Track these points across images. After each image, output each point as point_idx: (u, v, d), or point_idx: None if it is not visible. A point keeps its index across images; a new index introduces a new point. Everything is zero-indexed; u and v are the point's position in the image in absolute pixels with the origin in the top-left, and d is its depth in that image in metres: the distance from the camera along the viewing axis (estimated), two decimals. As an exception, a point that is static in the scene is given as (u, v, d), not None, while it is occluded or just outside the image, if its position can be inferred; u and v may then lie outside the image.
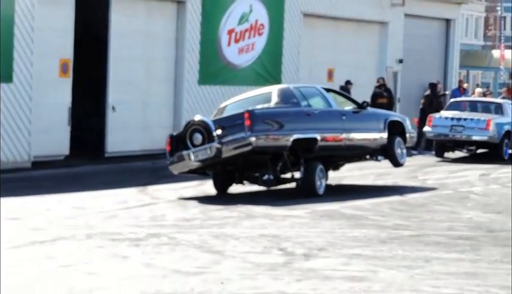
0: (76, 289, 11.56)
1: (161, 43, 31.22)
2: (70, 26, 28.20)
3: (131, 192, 21.71)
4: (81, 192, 21.46)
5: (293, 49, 35.01)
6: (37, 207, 19.11)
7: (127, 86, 29.67)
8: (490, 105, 38.49)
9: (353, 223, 17.89)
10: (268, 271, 13.20)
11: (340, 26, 37.75)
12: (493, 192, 23.51)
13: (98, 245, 15.04)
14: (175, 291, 11.62)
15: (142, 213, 18.60)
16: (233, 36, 32.88)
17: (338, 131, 24.30)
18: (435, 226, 17.61)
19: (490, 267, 13.90)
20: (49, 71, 27.61)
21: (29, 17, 26.55)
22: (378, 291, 11.77)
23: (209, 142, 21.48)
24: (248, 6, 33.20)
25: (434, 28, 43.69)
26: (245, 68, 33.35)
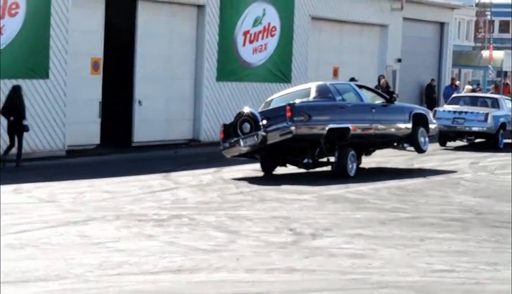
0: (106, 264, 11.76)
1: (183, 43, 31.39)
2: (101, 27, 28.38)
3: (155, 177, 21.95)
4: (110, 177, 21.63)
5: (302, 49, 35.04)
6: (70, 191, 19.16)
7: (152, 82, 29.81)
8: (487, 100, 39.28)
9: (355, 206, 18.12)
10: (279, 249, 13.37)
11: (345, 28, 37.82)
12: (482, 178, 23.58)
13: (125, 226, 15.20)
14: (195, 266, 11.81)
15: (165, 197, 18.78)
16: (247, 37, 32.96)
17: (368, 122, 25.38)
18: (429, 209, 17.78)
19: (478, 246, 14.05)
20: (82, 69, 27.78)
21: (64, 20, 26.63)
22: (377, 268, 11.95)
23: (256, 130, 22.73)
24: (262, 10, 33.28)
25: (429, 30, 43.73)
26: (259, 67, 33.44)
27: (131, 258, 12.31)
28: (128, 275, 11.29)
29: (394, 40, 39.84)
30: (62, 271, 11.54)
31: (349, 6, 38.23)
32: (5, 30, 25.23)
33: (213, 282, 10.99)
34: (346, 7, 37.99)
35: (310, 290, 10.83)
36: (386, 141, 27.04)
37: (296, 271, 11.81)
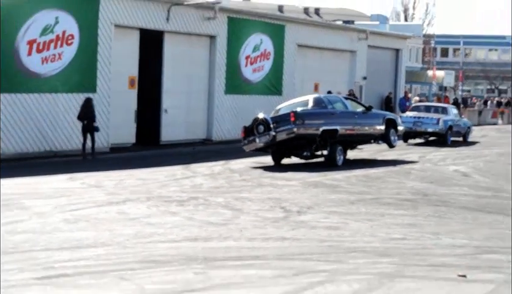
0: (140, 234, 11.96)
1: (199, 65, 31.38)
2: (136, 53, 28.43)
3: (178, 168, 22.03)
4: (143, 168, 21.75)
5: (290, 69, 35.09)
6: (112, 178, 19.31)
7: (175, 95, 29.89)
8: (439, 108, 39.80)
9: (331, 190, 18.27)
10: (272, 222, 13.67)
11: (323, 53, 37.90)
12: (428, 168, 23.60)
13: (154, 205, 15.44)
14: (208, 236, 12.19)
15: (185, 183, 18.92)
16: (248, 60, 33.13)
17: (352, 124, 26.46)
18: (388, 192, 17.93)
19: (425, 220, 14.41)
20: (121, 85, 27.85)
21: (108, 47, 26.74)
22: (348, 237, 12.35)
23: (268, 131, 23.73)
24: (260, 40, 33.49)
25: (388, 55, 43.74)
26: (257, 83, 33.63)
27: (159, 229, 12.61)
28: (157, 243, 11.53)
29: (360, 62, 39.98)
30: (106, 240, 11.71)
31: (326, 36, 38.35)
32: (63, 56, 25.23)
33: (222, 248, 11.18)
34: (324, 37, 38.11)
35: (297, 254, 10.99)
36: (365, 139, 28.01)
37: (286, 240, 12.08)
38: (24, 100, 23.93)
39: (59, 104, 25.14)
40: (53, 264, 9.74)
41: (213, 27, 31.26)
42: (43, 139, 24.42)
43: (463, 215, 14.64)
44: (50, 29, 24.78)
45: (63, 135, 25.07)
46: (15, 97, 23.60)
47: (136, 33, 28.27)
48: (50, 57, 24.85)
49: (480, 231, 12.82)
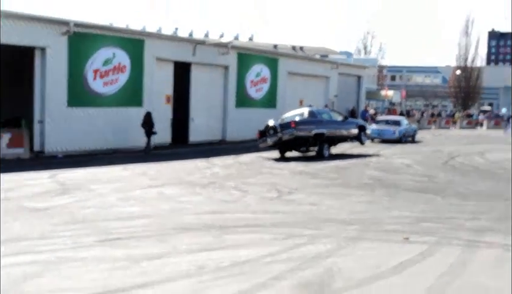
0: (174, 208, 11.90)
1: (216, 86, 31.12)
2: (171, 78, 28.21)
3: (201, 161, 21.83)
4: (176, 161, 21.64)
5: (282, 89, 34.97)
6: (154, 169, 19.16)
7: (199, 108, 29.68)
8: (395, 121, 39.34)
9: (310, 176, 18.08)
10: (270, 200, 13.72)
11: (306, 78, 37.64)
12: (382, 161, 23.48)
13: (184, 187, 15.60)
14: (223, 210, 12.37)
15: (206, 171, 18.81)
16: (253, 84, 33.07)
17: (334, 128, 26.51)
18: (352, 178, 17.83)
19: (379, 198, 14.48)
20: (160, 100, 27.61)
21: (151, 73, 26.53)
22: (324, 210, 12.45)
23: (276, 133, 24.13)
24: (261, 69, 33.44)
25: (353, 80, 43.74)
26: (258, 99, 33.60)
27: (187, 205, 12.62)
28: (186, 215, 11.59)
29: (333, 85, 39.96)
30: (149, 213, 11.72)
31: (308, 66, 38.43)
32: (119, 80, 25.15)
33: (233, 219, 11.20)
34: (307, 66, 38.16)
35: (286, 223, 11.00)
36: (344, 139, 27.89)
37: (279, 213, 12.08)
38: (90, 112, 23.89)
39: (115, 115, 25.09)
40: (111, 230, 9.87)
41: (226, 60, 31.07)
42: (104, 140, 24.38)
43: (407, 195, 14.59)
44: (110, 61, 24.74)
45: (118, 137, 25.02)
46: (82, 110, 23.56)
47: (171, 64, 28.12)
48: (109, 82, 24.80)
49: (419, 206, 12.80)
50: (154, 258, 8.07)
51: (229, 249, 8.63)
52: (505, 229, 10.43)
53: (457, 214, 11.88)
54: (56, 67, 22.86)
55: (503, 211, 12.41)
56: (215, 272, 7.44)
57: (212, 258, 8.11)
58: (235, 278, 7.19)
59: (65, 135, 22.92)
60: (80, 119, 23.76)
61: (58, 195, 13.38)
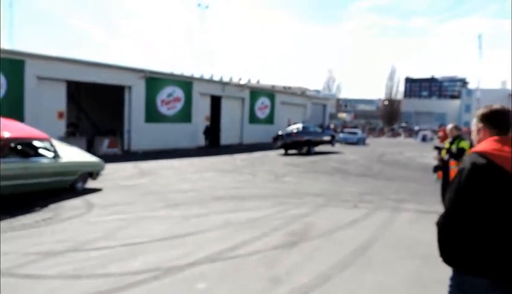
0: (210, 185, 11.72)
1: (236, 110, 30.91)
2: (208, 104, 28.17)
3: (227, 156, 21.70)
4: (211, 156, 21.45)
5: (278, 112, 34.65)
6: (197, 161, 19.07)
7: (227, 123, 29.64)
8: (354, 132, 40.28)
9: (295, 166, 17.83)
10: (270, 182, 13.60)
11: (292, 106, 37.30)
12: (339, 157, 23.28)
13: (216, 172, 15.36)
14: (241, 187, 12.16)
15: (230, 163, 18.66)
16: (259, 109, 32.83)
17: (317, 136, 26.38)
18: (321, 167, 17.57)
19: (337, 180, 14.02)
20: (202, 118, 27.58)
21: (197, 101, 26.57)
22: (303, 187, 12.26)
23: (283, 139, 24.33)
24: (265, 100, 33.22)
25: (320, 107, 43.34)
26: (262, 118, 33.20)
27: (218, 184, 12.53)
28: (218, 190, 11.50)
29: (308, 110, 39.71)
30: (195, 188, 11.68)
31: (293, 98, 38.47)
32: (176, 107, 25.17)
33: (247, 192, 11.11)
34: (292, 99, 38.16)
35: (279, 195, 10.90)
36: (322, 143, 27.12)
37: (276, 188, 11.99)
38: (158, 126, 23.95)
39: (174, 128, 25.02)
40: (171, 199, 9.82)
41: (242, 94, 30.93)
42: (167, 143, 24.39)
43: (354, 178, 14.48)
44: (171, 95, 24.78)
45: (175, 141, 24.97)
46: (154, 124, 23.68)
47: (209, 97, 28.05)
48: (171, 107, 24.82)
49: (362, 186, 12.71)
50: (198, 216, 8.12)
51: (246, 211, 8.64)
52: (416, 200, 10.44)
53: (386, 190, 11.83)
54: (137, 98, 23.01)
55: (414, 188, 12.40)
56: (236, 225, 7.45)
57: (235, 216, 8.12)
58: (249, 229, 7.20)
59: (142, 140, 23.00)
60: (152, 130, 23.79)
61: (138, 177, 13.39)
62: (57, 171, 9.70)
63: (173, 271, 5.14)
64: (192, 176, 14.12)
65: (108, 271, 5.10)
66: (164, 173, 14.74)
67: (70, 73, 19.71)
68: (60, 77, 19.36)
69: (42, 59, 18.61)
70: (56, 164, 9.66)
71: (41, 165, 9.26)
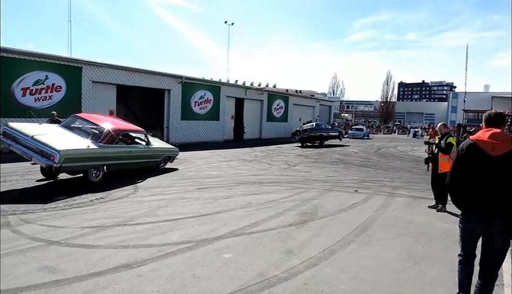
0: (235, 172, 11.76)
1: (256, 111, 30.73)
2: (233, 105, 28.12)
3: (248, 148, 21.58)
4: (236, 148, 21.40)
5: (290, 112, 34.48)
6: (224, 152, 19.03)
7: (248, 121, 29.45)
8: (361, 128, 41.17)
9: (305, 157, 17.65)
10: (283, 169, 13.47)
11: (302, 107, 36.99)
12: (342, 150, 23.00)
13: (240, 161, 15.29)
14: (260, 174, 12.01)
15: (251, 154, 18.54)
16: (276, 109, 32.56)
17: (328, 132, 26.30)
18: (327, 159, 17.37)
19: (341, 169, 13.90)
20: (228, 118, 27.62)
21: (223, 104, 26.49)
22: (312, 175, 12.02)
23: (300, 134, 24.18)
24: (279, 102, 32.90)
25: (327, 108, 42.90)
26: (278, 117, 32.94)
27: (241, 171, 12.47)
28: (241, 176, 11.46)
29: (316, 110, 39.13)
30: (222, 174, 11.64)
31: (304, 100, 37.89)
32: (207, 107, 25.15)
33: (265, 178, 11.04)
34: (303, 101, 37.64)
35: (292, 181, 10.81)
36: (332, 137, 27.01)
37: (289, 175, 11.87)
38: (192, 123, 23.97)
39: (205, 124, 25.04)
40: (203, 183, 9.80)
41: (262, 97, 30.63)
42: (199, 136, 24.49)
43: (355, 168, 14.23)
44: (203, 97, 24.81)
45: (206, 135, 25.05)
46: (188, 121, 23.68)
47: (234, 99, 27.96)
48: (203, 107, 24.82)
49: (362, 174, 12.51)
50: (224, 198, 8.05)
51: (264, 194, 8.55)
52: (409, 187, 10.19)
53: (383, 178, 11.62)
54: (175, 99, 23.02)
55: (408, 177, 12.13)
56: (256, 206, 7.38)
57: (255, 198, 8.04)
58: (267, 209, 7.12)
59: (179, 134, 23.05)
60: (187, 126, 23.81)
61: (175, 165, 13.42)
62: (148, 155, 11.08)
63: (203, 243, 5.13)
64: (219, 164, 14.04)
65: (151, 242, 5.12)
66: (196, 161, 14.72)
67: (120, 78, 19.82)
68: (111, 81, 19.47)
69: (96, 65, 18.71)
70: (148, 150, 11.04)
71: (138, 150, 10.65)
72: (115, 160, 9.54)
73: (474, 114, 56.33)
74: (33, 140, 8.18)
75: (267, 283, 3.97)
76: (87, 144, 8.89)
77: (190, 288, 3.80)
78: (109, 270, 4.15)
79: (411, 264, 4.70)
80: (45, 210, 6.59)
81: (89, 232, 5.37)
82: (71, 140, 8.81)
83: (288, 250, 4.98)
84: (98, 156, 9.00)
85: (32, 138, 8.20)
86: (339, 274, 4.29)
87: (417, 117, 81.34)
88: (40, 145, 8.11)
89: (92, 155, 8.85)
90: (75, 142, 8.77)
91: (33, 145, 8.14)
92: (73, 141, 8.80)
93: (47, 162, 8.03)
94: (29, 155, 8.23)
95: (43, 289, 3.67)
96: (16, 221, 5.87)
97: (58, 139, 8.52)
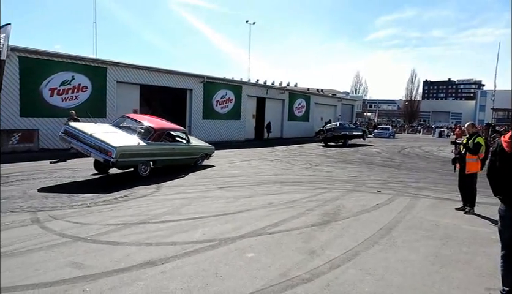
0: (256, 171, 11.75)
1: (278, 110, 30.70)
2: (254, 104, 28.10)
3: (269, 148, 21.51)
4: (257, 148, 21.37)
5: (312, 111, 34.21)
6: (245, 151, 19.06)
7: (269, 120, 29.27)
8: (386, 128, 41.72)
9: (327, 157, 17.47)
10: (305, 168, 13.39)
11: (324, 106, 36.73)
12: (364, 150, 22.69)
13: (261, 161, 15.26)
14: (282, 173, 11.98)
15: (272, 153, 18.49)
16: (297, 108, 32.34)
17: (351, 131, 26.20)
18: (349, 158, 17.17)
19: (363, 170, 13.81)
20: (250, 116, 27.62)
21: (245, 103, 26.56)
22: (334, 175, 11.95)
23: (324, 133, 24.37)
24: (301, 101, 32.72)
25: (349, 107, 42.36)
26: (300, 116, 32.72)
27: (262, 170, 12.43)
28: (262, 175, 11.43)
29: (338, 110, 38.61)
30: (244, 173, 11.68)
31: (326, 99, 37.47)
32: (229, 106, 25.27)
33: (286, 178, 10.99)
34: (325, 100, 37.22)
35: (314, 181, 10.72)
36: (355, 136, 26.96)
37: (310, 175, 11.77)
38: (214, 122, 24.10)
39: (226, 124, 25.14)
40: (225, 182, 9.86)
41: (283, 96, 30.50)
42: (221, 136, 24.61)
43: (378, 168, 13.98)
44: (224, 96, 24.95)
45: (227, 135, 25.17)
46: (210, 121, 23.83)
47: (255, 98, 27.94)
48: (224, 106, 24.94)
49: (385, 175, 12.29)
50: (246, 197, 8.05)
51: (286, 194, 8.51)
52: (435, 188, 9.95)
53: (407, 179, 11.39)
54: (196, 99, 23.22)
55: (434, 178, 11.85)
56: (278, 206, 7.36)
57: (276, 198, 8.03)
58: (288, 209, 7.10)
59: (201, 133, 23.12)
60: (208, 125, 23.99)
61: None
62: (189, 152, 11.92)
63: (226, 242, 5.16)
64: (241, 164, 14.04)
65: (174, 240, 5.19)
66: (218, 160, 14.77)
67: (143, 78, 20.13)
68: (135, 81, 19.79)
69: (121, 66, 19.03)
70: (188, 147, 11.90)
71: (180, 147, 11.47)
72: (160, 156, 10.40)
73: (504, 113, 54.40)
74: (92, 138, 9.01)
75: (290, 284, 3.95)
76: (137, 141, 9.73)
77: (213, 287, 3.83)
78: (133, 266, 4.22)
79: (438, 267, 4.58)
80: (72, 207, 6.74)
81: (114, 229, 5.46)
82: (124, 138, 9.67)
83: (310, 250, 4.95)
84: (146, 152, 9.85)
85: (91, 136, 9.05)
86: (363, 276, 4.21)
87: (443, 117, 79.36)
88: (98, 142, 8.95)
89: (141, 152, 9.70)
90: (127, 139, 9.63)
91: (93, 142, 8.97)
92: (125, 138, 9.66)
93: (105, 157, 8.83)
94: (88, 151, 9.01)
95: (70, 284, 3.77)
96: (44, 217, 6.05)
97: (113, 137, 9.37)
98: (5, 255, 4.36)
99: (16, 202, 6.83)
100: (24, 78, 15.34)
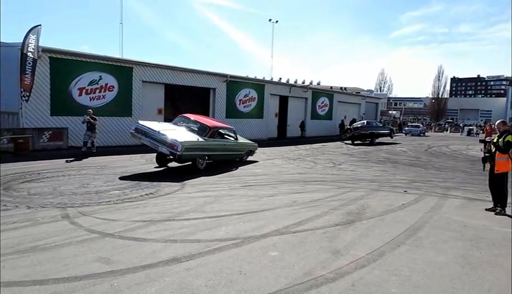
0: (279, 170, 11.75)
1: (300, 109, 30.38)
2: (277, 103, 27.99)
3: (292, 146, 21.37)
4: (280, 146, 21.29)
5: (335, 110, 33.76)
6: (268, 149, 18.98)
7: (292, 119, 29.18)
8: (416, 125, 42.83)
9: (350, 156, 17.24)
10: (329, 168, 13.55)
11: (348, 104, 36.23)
12: (389, 148, 22.22)
13: (284, 160, 15.23)
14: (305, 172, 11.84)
15: (295, 152, 18.42)
16: (320, 106, 31.98)
17: (378, 130, 26.06)
18: (374, 157, 16.95)
19: (388, 169, 13.56)
20: (272, 115, 27.54)
21: (268, 101, 26.53)
22: (358, 174, 11.97)
23: (351, 132, 24.44)
24: (324, 99, 32.38)
25: (373, 105, 41.64)
26: (323, 114, 32.40)
27: (285, 169, 12.38)
28: (285, 174, 11.40)
29: (362, 108, 37.98)
30: (267, 172, 11.66)
31: (349, 98, 36.98)
32: (251, 105, 25.30)
33: (310, 177, 10.89)
34: (348, 98, 36.75)
35: (338, 180, 10.66)
36: (382, 135, 26.64)
37: (334, 174, 11.69)
38: (237, 120, 23.95)
39: (250, 122, 25.13)
40: (247, 181, 9.86)
41: (306, 95, 30.23)
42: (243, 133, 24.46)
43: (404, 167, 13.69)
44: (247, 95, 24.98)
45: (250, 132, 25.05)
46: (233, 120, 23.61)
47: (278, 97, 27.84)
48: (247, 105, 25.03)
49: (411, 174, 12.02)
50: (269, 196, 8.06)
51: (309, 193, 8.47)
52: (463, 188, 9.66)
53: (434, 179, 11.10)
54: (220, 98, 23.37)
55: (461, 178, 11.50)
56: (301, 205, 7.33)
57: (300, 197, 7.99)
58: (312, 208, 7.06)
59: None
60: (231, 124, 23.63)
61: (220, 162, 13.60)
62: (237, 148, 13.03)
63: (249, 240, 5.18)
64: (264, 163, 14.01)
65: (198, 237, 5.24)
66: (241, 159, 15.10)
67: (168, 78, 20.37)
68: (160, 81, 20.04)
69: (146, 66, 19.30)
70: (237, 144, 13.03)
71: (230, 144, 12.58)
72: (214, 151, 11.49)
73: (538, 110, 52.52)
74: (160, 134, 10.23)
75: (314, 283, 3.93)
76: (196, 137, 10.86)
77: (237, 284, 3.85)
78: (159, 263, 4.30)
79: (467, 270, 4.46)
80: (99, 204, 6.92)
81: (140, 226, 5.57)
82: (185, 134, 10.78)
83: (334, 250, 4.90)
84: (204, 147, 10.99)
85: (159, 132, 10.26)
86: (389, 276, 4.15)
87: (471, 114, 76.97)
88: (166, 137, 10.19)
89: (200, 147, 10.85)
90: (188, 136, 10.75)
91: (161, 138, 10.19)
92: (186, 135, 10.78)
93: (171, 150, 10.04)
94: (156, 146, 10.22)
95: (99, 278, 3.87)
96: (74, 213, 6.21)
97: (177, 133, 10.53)
98: (37, 249, 4.51)
99: (47, 198, 7.05)
100: (54, 78, 15.78)
